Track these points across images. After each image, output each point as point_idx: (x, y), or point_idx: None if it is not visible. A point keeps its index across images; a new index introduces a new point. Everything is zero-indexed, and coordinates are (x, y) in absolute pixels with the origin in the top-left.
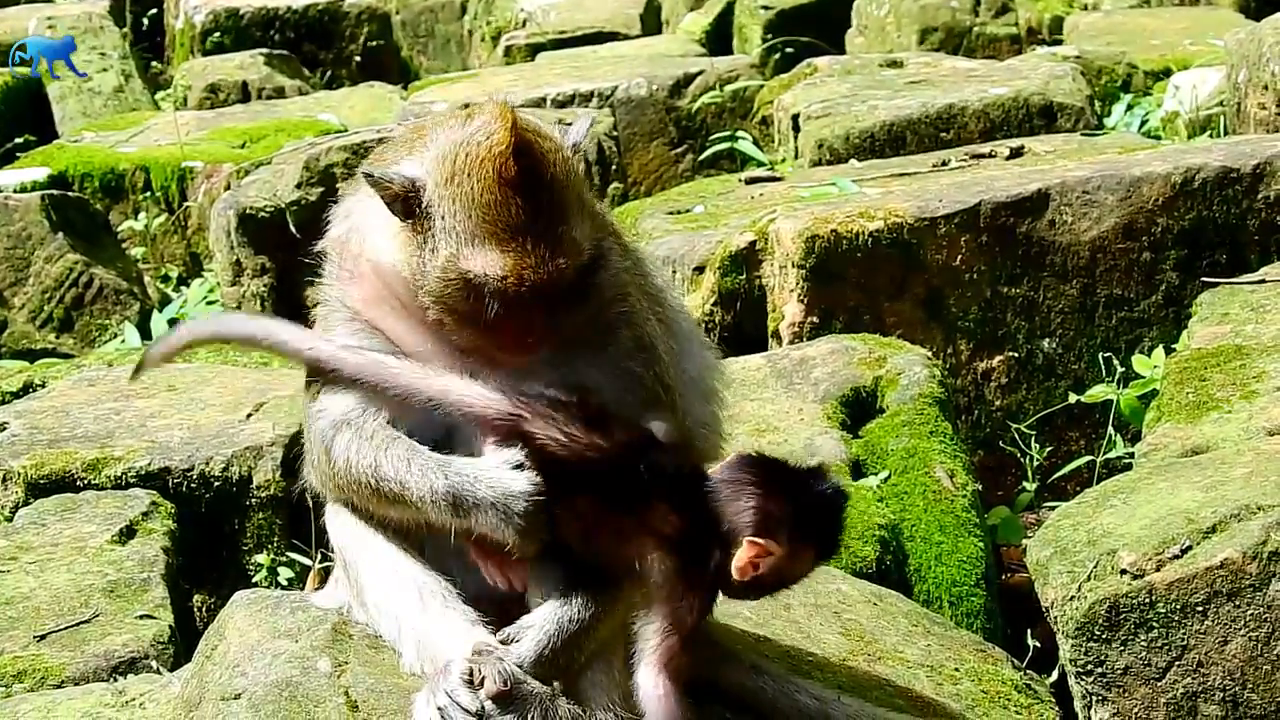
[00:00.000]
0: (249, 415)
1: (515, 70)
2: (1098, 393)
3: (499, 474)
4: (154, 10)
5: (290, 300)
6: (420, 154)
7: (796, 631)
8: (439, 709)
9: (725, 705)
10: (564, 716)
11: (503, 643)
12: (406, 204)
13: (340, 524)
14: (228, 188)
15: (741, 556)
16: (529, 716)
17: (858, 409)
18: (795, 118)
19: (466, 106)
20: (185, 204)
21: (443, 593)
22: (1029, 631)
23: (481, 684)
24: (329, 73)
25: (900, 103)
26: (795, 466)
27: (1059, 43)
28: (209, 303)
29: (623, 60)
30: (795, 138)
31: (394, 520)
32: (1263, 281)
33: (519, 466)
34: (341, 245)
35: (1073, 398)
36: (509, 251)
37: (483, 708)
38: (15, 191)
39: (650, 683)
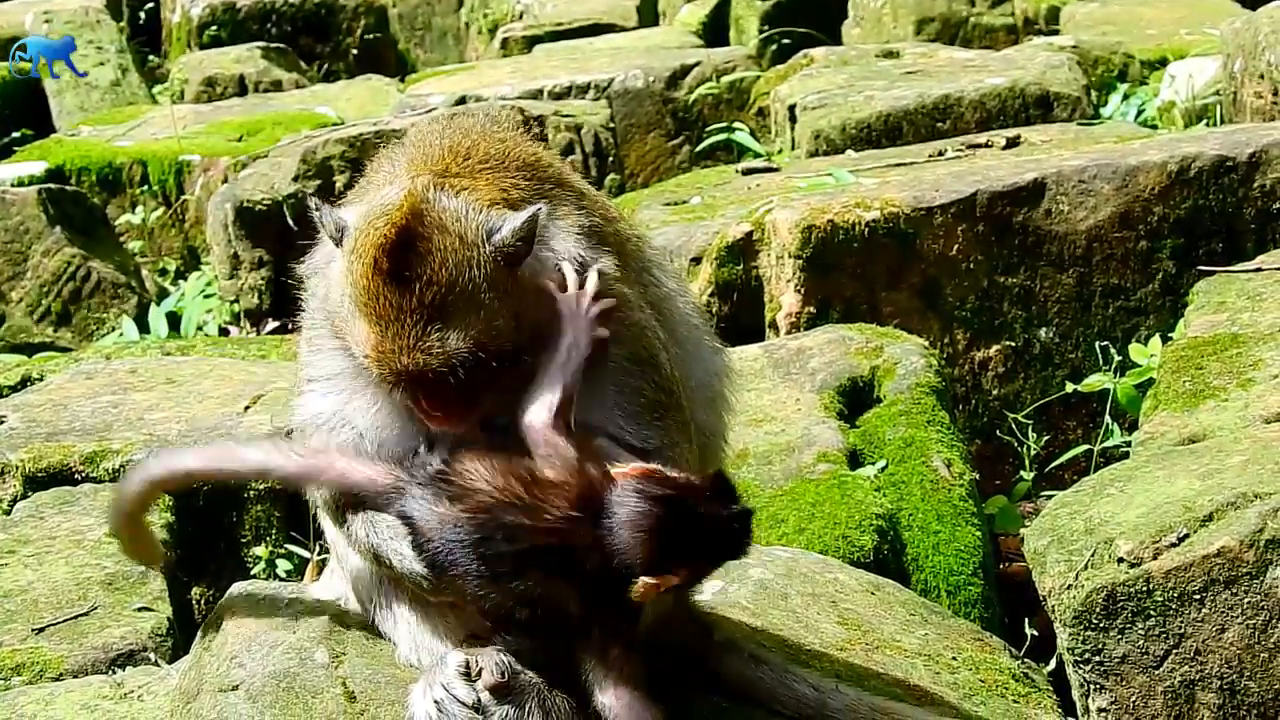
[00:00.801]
0: (247, 408)
1: (512, 62)
2: (1095, 382)
3: (401, 546)
4: (150, 4)
5: (287, 293)
6: (362, 198)
7: (794, 621)
8: (435, 701)
9: (723, 695)
10: (561, 707)
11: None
12: (340, 243)
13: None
14: (225, 181)
15: (639, 590)
16: (527, 708)
17: (855, 399)
18: (792, 109)
19: (454, 117)
20: (183, 197)
21: None
22: (1027, 620)
23: (479, 676)
24: (326, 66)
25: (897, 93)
26: (693, 489)
27: (1055, 32)
28: (206, 295)
29: (619, 52)
30: (792, 129)
31: None
32: (1259, 270)
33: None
34: (321, 268)
35: (1070, 387)
36: (374, 334)
37: (479, 700)
38: (13, 185)
39: (611, 699)
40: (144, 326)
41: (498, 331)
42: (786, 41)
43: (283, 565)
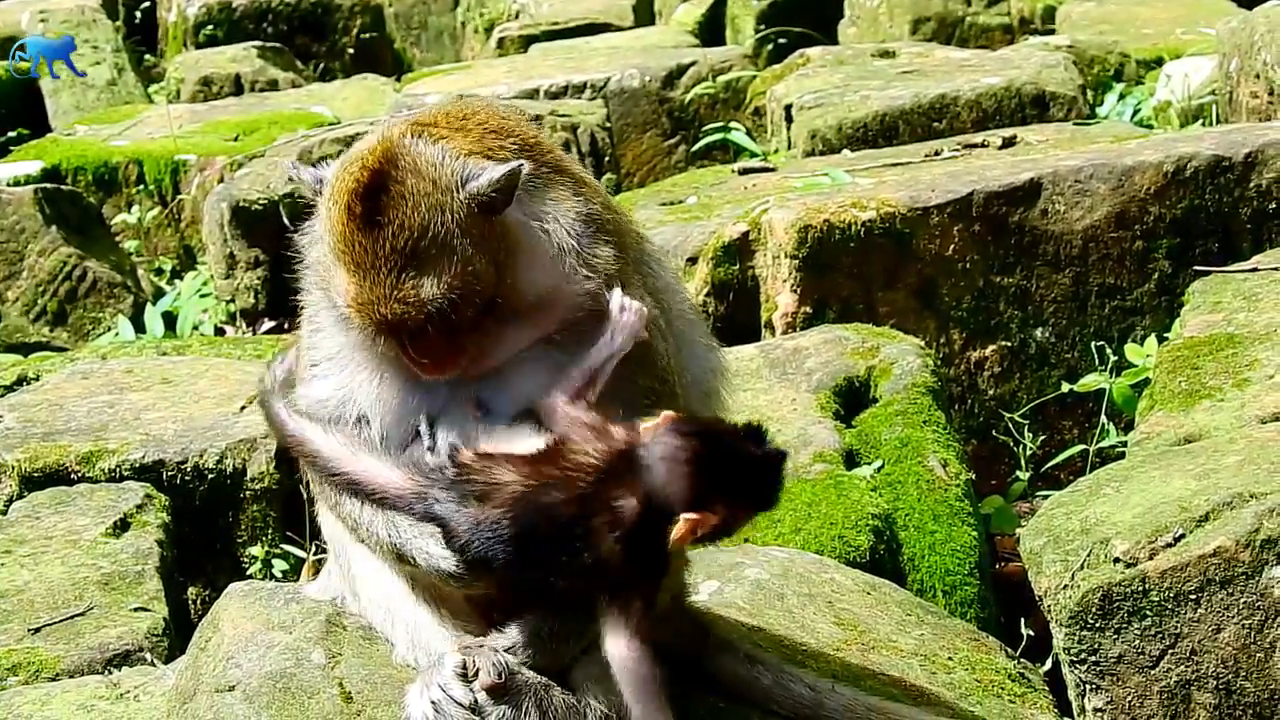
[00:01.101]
0: (243, 408)
1: (508, 62)
2: (1090, 382)
3: (427, 545)
4: (147, 3)
5: (284, 292)
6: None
7: (790, 621)
8: (433, 702)
9: (720, 695)
10: (559, 706)
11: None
12: (319, 201)
13: (333, 516)
14: (221, 180)
15: (679, 530)
16: (524, 708)
17: (851, 399)
18: (788, 108)
19: (461, 98)
20: (179, 197)
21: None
22: (1023, 620)
23: (475, 676)
24: (322, 65)
25: (893, 93)
26: (726, 429)
27: (1051, 32)
28: (202, 295)
29: (616, 51)
30: (788, 128)
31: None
32: (1255, 270)
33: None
34: (317, 239)
35: (1065, 387)
36: (352, 284)
37: (476, 700)
38: (9, 185)
39: (619, 648)
40: (140, 326)
41: (475, 278)
42: (783, 41)
43: (279, 565)
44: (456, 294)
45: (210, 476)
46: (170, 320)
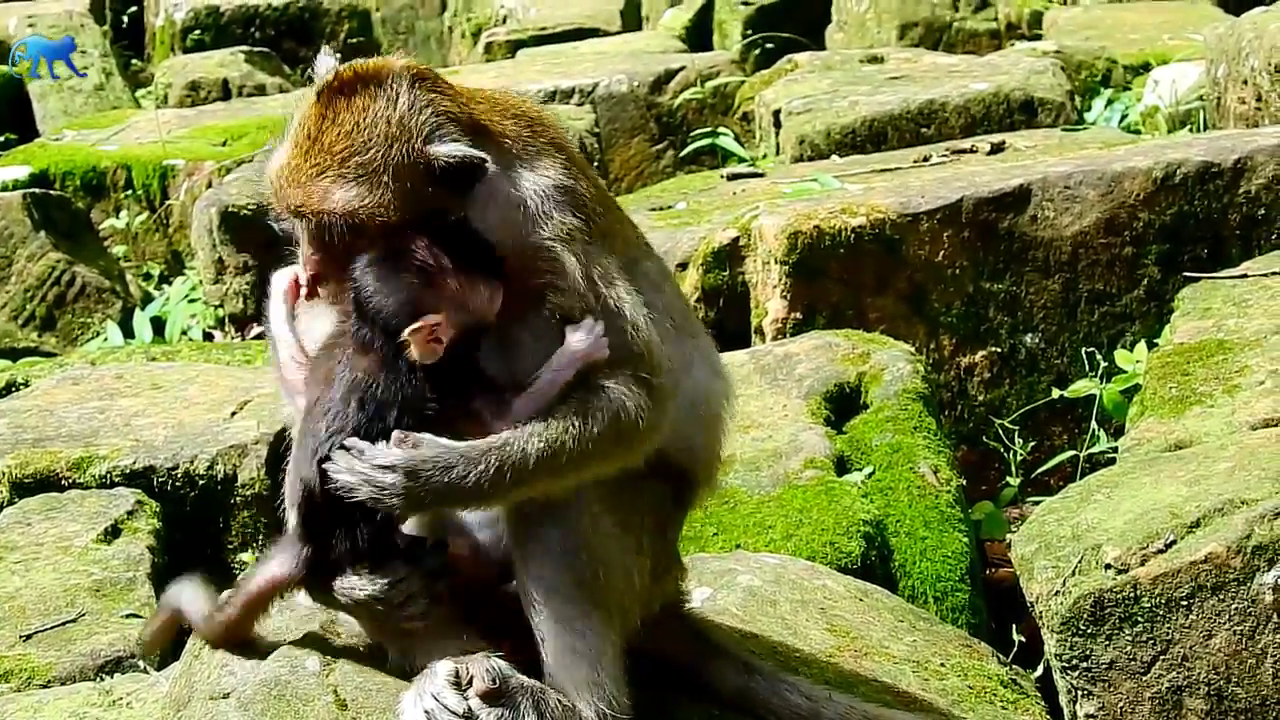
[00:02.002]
0: (233, 414)
1: (496, 67)
2: (1080, 388)
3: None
4: (134, 8)
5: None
6: None
7: (783, 628)
8: (426, 711)
9: (714, 702)
10: (554, 708)
11: None
12: None
13: None
14: (209, 185)
15: (414, 345)
16: (520, 709)
17: (842, 405)
18: (776, 114)
19: None
20: (167, 202)
21: None
22: (1014, 626)
23: (469, 684)
24: (309, 70)
25: (881, 98)
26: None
27: (1038, 38)
28: (191, 300)
29: (603, 57)
30: (777, 134)
31: None
32: (1244, 276)
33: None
34: None
35: (1056, 393)
36: (281, 159)
37: (470, 708)
38: None
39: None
40: (129, 331)
41: (383, 217)
42: (770, 46)
43: None
44: (359, 220)
45: (201, 482)
46: (159, 325)
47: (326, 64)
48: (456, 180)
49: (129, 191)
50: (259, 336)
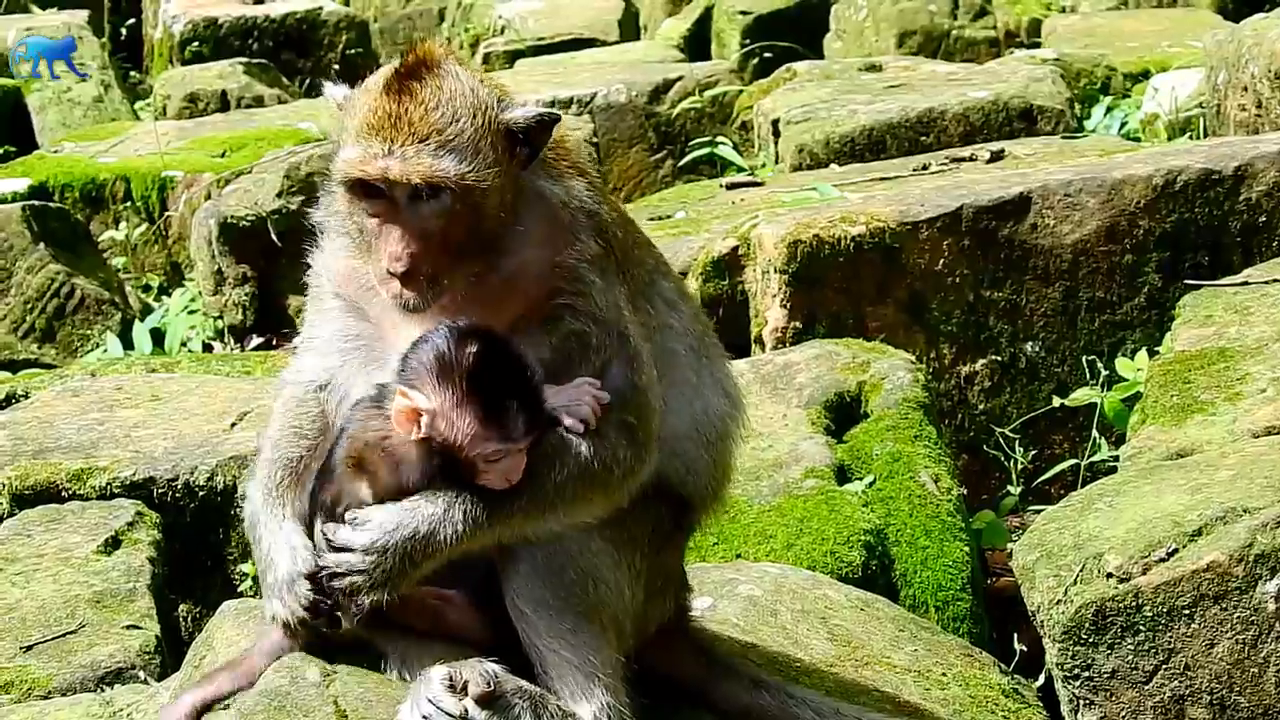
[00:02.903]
0: (233, 425)
1: (494, 78)
2: (1081, 396)
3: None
4: (132, 20)
5: (272, 309)
6: None
7: (784, 637)
8: (424, 717)
9: (718, 715)
10: (553, 712)
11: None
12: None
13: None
14: (208, 197)
15: (393, 407)
16: (516, 711)
17: (842, 414)
18: (775, 123)
19: None
20: (166, 213)
21: None
22: (1015, 635)
23: (464, 688)
24: (308, 81)
25: (880, 107)
26: (471, 329)
27: (1037, 45)
28: (190, 311)
29: (602, 66)
30: (775, 143)
31: None
32: (1246, 284)
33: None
34: (326, 217)
35: (1056, 401)
36: (361, 141)
37: (466, 711)
38: None
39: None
40: (128, 343)
41: (478, 193)
42: (768, 55)
43: None
44: (458, 186)
45: (201, 494)
46: (158, 337)
47: (337, 93)
48: (530, 144)
49: (128, 203)
50: (259, 348)
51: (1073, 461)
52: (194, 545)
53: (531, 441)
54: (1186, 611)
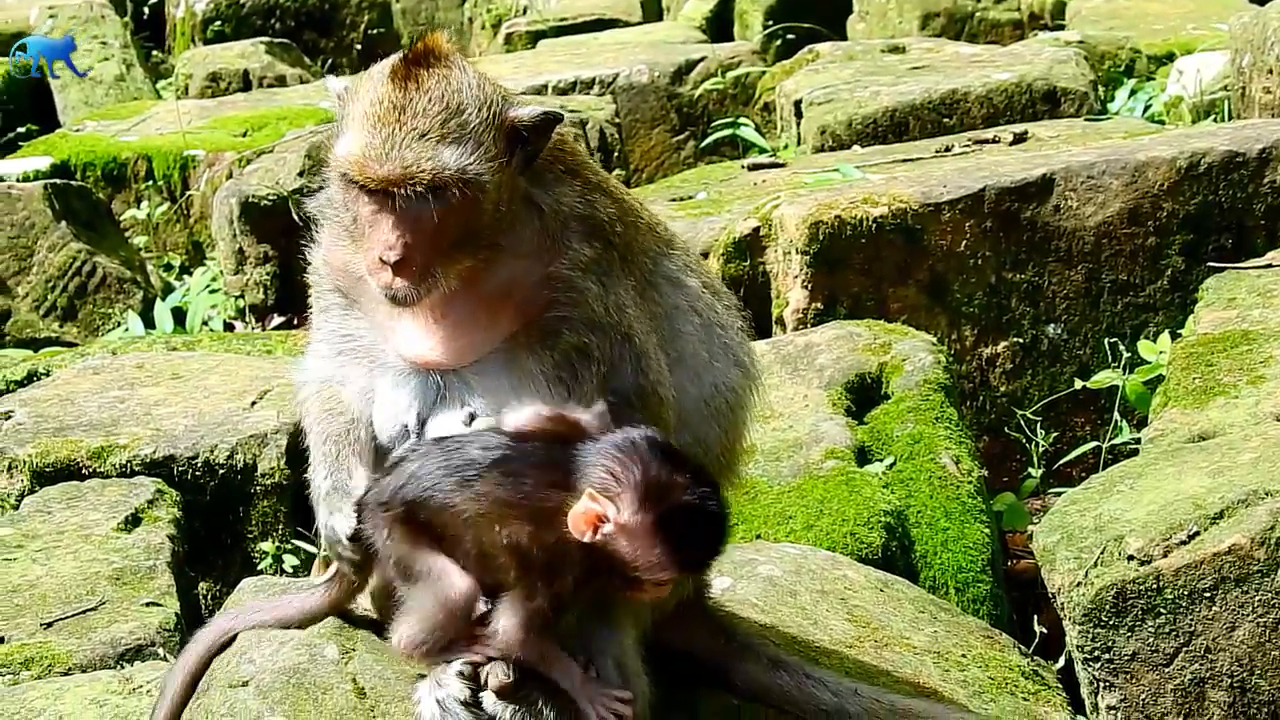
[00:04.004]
0: (253, 403)
1: (516, 58)
2: (1103, 378)
3: (333, 512)
4: None
5: (293, 288)
6: None
7: (803, 618)
8: (438, 701)
9: (737, 695)
10: (571, 706)
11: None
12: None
13: None
14: (230, 176)
15: (578, 508)
16: (536, 704)
17: (863, 395)
18: (797, 104)
19: None
20: (187, 192)
21: None
22: (1035, 617)
23: (486, 679)
24: (330, 60)
25: (903, 88)
26: (680, 458)
27: (1061, 27)
28: (211, 290)
29: (624, 47)
30: (798, 124)
31: None
32: (1269, 266)
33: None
34: (324, 206)
35: (1078, 383)
36: (364, 134)
37: (483, 699)
38: (18, 181)
39: (511, 628)
40: (149, 322)
41: (480, 192)
42: (791, 36)
43: (290, 560)
44: (460, 186)
45: (221, 472)
46: (179, 316)
47: (337, 85)
48: (531, 144)
49: (149, 182)
50: (279, 327)
51: (1094, 444)
52: (214, 523)
53: None
54: (1207, 594)
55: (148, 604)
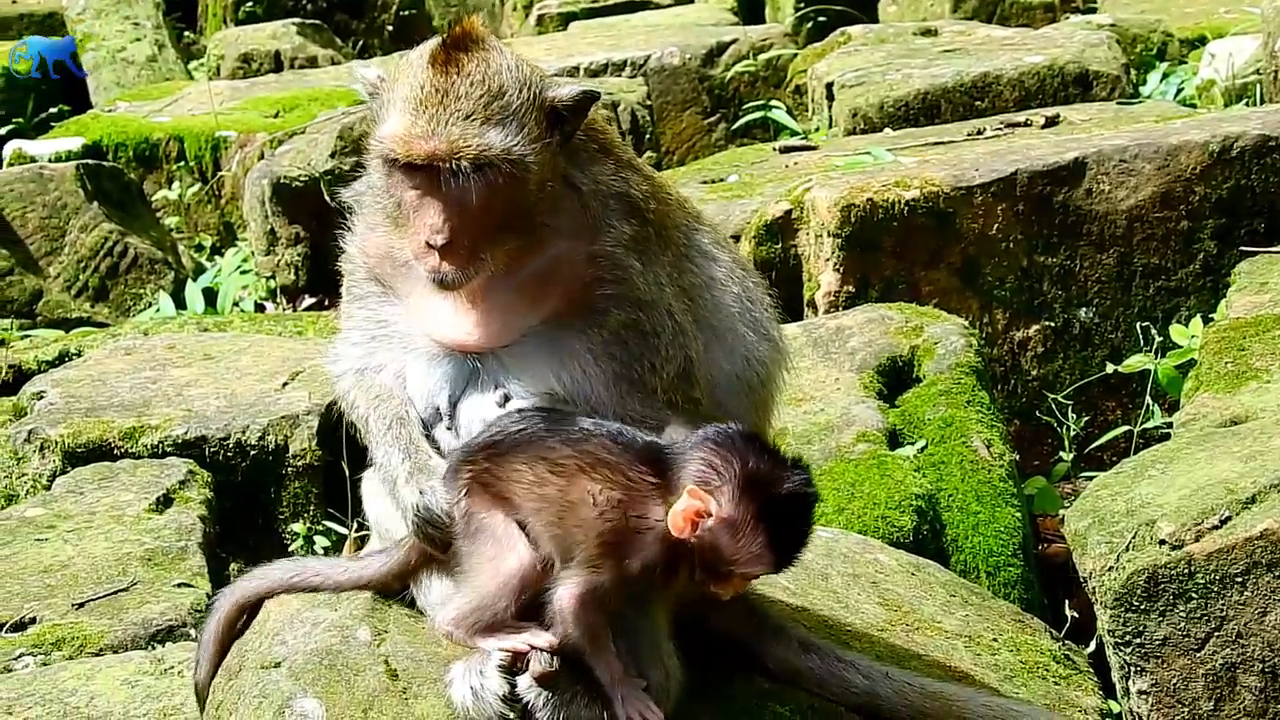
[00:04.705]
0: (285, 384)
1: (548, 40)
2: (1135, 362)
3: (423, 491)
4: None
5: (324, 269)
6: None
7: (835, 601)
8: (471, 689)
9: (768, 677)
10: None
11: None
12: (374, 100)
13: (374, 492)
14: (261, 157)
15: (680, 505)
16: (571, 692)
17: (894, 378)
18: (829, 86)
19: None
20: (219, 173)
21: None
22: (1066, 602)
23: (526, 665)
24: (361, 42)
25: (934, 71)
26: (775, 450)
27: (1093, 10)
28: (243, 271)
29: (655, 29)
30: (829, 107)
31: None
32: None
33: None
34: (361, 194)
35: (1110, 367)
36: (407, 117)
37: (517, 686)
38: (50, 161)
39: (566, 598)
40: (180, 302)
41: (524, 171)
42: (823, 19)
43: (321, 542)
44: (506, 165)
45: (252, 453)
46: (211, 296)
47: (369, 73)
48: (569, 123)
49: (181, 163)
50: (311, 308)
51: (1126, 428)
52: (245, 504)
53: None
54: (1239, 579)
55: (179, 585)
